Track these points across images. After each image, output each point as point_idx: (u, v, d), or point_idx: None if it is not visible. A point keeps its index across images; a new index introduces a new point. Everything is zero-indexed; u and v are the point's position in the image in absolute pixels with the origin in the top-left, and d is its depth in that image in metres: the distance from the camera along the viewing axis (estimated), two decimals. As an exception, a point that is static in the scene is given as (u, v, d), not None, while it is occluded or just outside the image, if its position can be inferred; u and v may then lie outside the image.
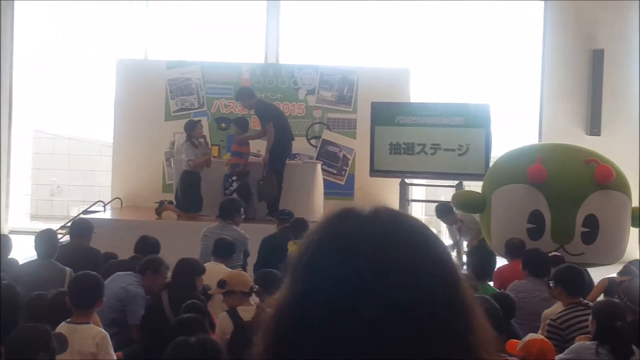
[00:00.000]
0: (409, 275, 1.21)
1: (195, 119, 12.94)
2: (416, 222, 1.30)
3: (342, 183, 13.91)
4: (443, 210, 10.80)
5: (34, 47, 15.84)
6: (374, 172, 12.40)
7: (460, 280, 1.27)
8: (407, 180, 12.57)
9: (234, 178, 11.48)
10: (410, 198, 13.13)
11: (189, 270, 6.56)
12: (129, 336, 6.51)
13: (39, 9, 16.01)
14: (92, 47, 17.74)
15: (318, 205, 12.02)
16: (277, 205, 11.03)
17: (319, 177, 12.42)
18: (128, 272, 6.85)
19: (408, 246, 1.24)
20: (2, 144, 14.71)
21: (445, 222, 11.07)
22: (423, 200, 14.79)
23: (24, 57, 15.23)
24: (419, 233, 1.28)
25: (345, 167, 13.96)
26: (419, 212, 15.92)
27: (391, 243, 1.23)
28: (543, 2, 14.47)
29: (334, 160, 13.94)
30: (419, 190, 14.56)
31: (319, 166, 12.60)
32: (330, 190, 13.19)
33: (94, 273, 5.61)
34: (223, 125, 13.86)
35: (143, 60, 14.98)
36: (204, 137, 12.16)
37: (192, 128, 11.74)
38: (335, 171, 13.91)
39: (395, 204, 12.56)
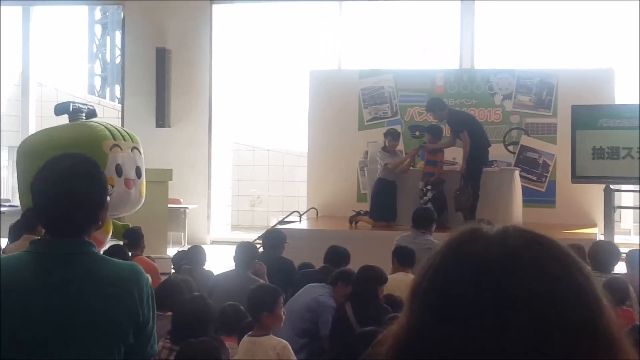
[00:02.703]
0: (541, 303, 1.08)
1: (395, 127, 12.84)
2: (552, 243, 1.16)
3: (543, 190, 13.39)
4: None
5: (231, 60, 16.26)
6: (576, 178, 11.80)
7: (603, 310, 1.12)
8: (613, 186, 11.87)
9: (429, 187, 11.24)
10: (616, 205, 12.39)
11: (371, 277, 6.35)
12: (321, 347, 6.45)
13: (235, 24, 16.43)
14: (287, 59, 18.07)
15: (517, 214, 11.57)
16: (474, 215, 10.71)
17: (518, 184, 11.96)
18: (321, 284, 6.79)
19: (541, 271, 1.11)
20: (203, 156, 15.18)
21: None
22: (632, 207, 13.97)
23: (221, 70, 15.66)
24: (554, 256, 1.14)
25: (545, 174, 13.42)
26: (629, 219, 15.08)
27: (521, 267, 1.10)
28: None
29: (533, 167, 13.43)
30: (628, 196, 13.76)
31: (517, 173, 12.13)
32: (530, 197, 12.74)
33: (265, 285, 5.59)
34: (417, 133, 13.66)
35: (335, 70, 15.05)
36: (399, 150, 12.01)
37: (393, 137, 11.60)
38: (535, 178, 13.40)
39: (599, 211, 11.92)
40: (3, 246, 8.00)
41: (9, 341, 2.53)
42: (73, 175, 2.62)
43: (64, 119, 10.15)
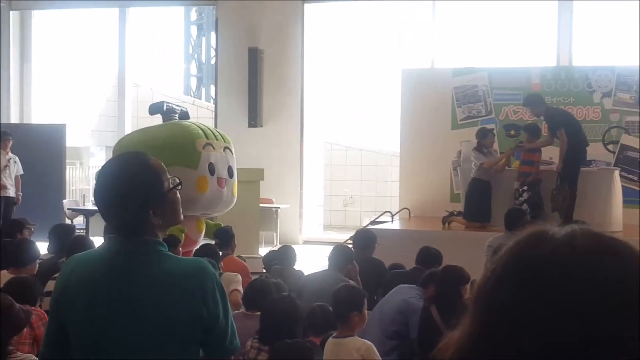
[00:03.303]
0: (608, 314, 1.02)
1: (488, 126, 12.63)
2: (624, 248, 1.09)
3: (644, 191, 12.95)
4: None
5: (323, 59, 16.26)
6: (679, 178, 11.40)
7: None
8: None
9: (525, 188, 11.00)
10: None
11: (453, 277, 6.19)
12: (411, 349, 6.35)
13: (326, 22, 16.41)
14: (380, 58, 17.97)
15: (616, 215, 11.22)
16: (571, 215, 10.42)
17: (617, 184, 11.59)
18: (411, 286, 6.69)
19: (609, 279, 1.04)
20: (295, 156, 15.19)
21: None
22: None
23: (313, 69, 15.65)
24: (625, 263, 1.06)
25: (646, 173, 12.98)
26: None
27: (587, 274, 1.04)
28: None
29: (634, 166, 12.99)
30: None
31: (616, 173, 11.75)
32: (631, 198, 12.35)
33: (351, 285, 5.54)
34: (512, 132, 13.38)
35: (428, 69, 14.87)
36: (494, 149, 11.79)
37: (483, 136, 11.45)
38: (635, 178, 12.97)
39: None
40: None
41: (76, 335, 2.61)
42: (117, 177, 2.67)
43: (157, 119, 10.29)
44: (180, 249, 8.06)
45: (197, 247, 8.38)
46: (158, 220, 2.66)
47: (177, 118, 10.03)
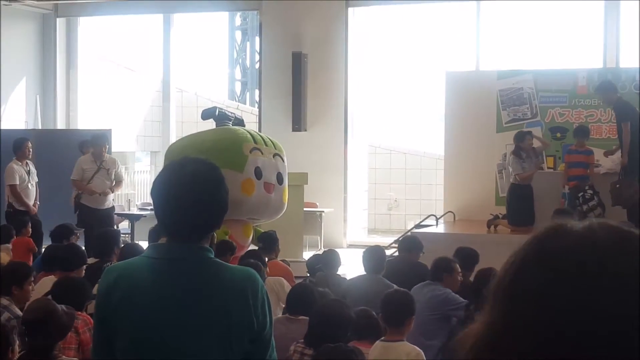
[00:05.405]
0: (628, 307, 1.01)
1: (527, 129, 12.49)
2: None
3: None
4: None
5: (367, 62, 16.23)
6: None
7: None
8: None
9: (590, 191, 10.94)
10: None
11: (489, 280, 6.11)
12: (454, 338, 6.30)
13: (370, 26, 16.39)
14: (424, 61, 17.92)
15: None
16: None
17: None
18: (426, 282, 6.72)
19: (628, 272, 1.03)
20: (339, 160, 15.18)
21: None
22: None
23: (357, 72, 15.63)
24: None
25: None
26: None
27: (607, 266, 1.03)
28: None
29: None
30: None
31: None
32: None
33: (404, 290, 5.54)
34: (558, 135, 13.22)
35: (472, 71, 14.76)
36: (534, 149, 11.67)
37: (520, 139, 11.38)
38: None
39: None
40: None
41: (123, 344, 2.54)
42: (199, 181, 2.60)
43: (207, 124, 10.35)
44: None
45: (245, 252, 8.41)
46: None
47: (230, 124, 10.05)
